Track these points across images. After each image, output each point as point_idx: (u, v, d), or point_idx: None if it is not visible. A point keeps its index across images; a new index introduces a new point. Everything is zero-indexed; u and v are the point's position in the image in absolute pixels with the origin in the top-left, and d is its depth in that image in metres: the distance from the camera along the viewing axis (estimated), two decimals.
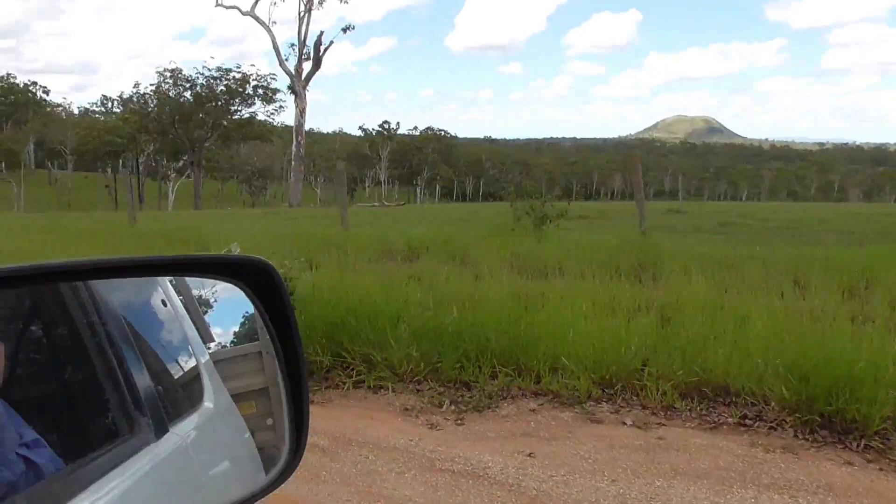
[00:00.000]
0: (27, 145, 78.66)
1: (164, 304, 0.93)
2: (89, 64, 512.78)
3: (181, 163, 72.48)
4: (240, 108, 61.89)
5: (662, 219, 17.51)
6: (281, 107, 61.00)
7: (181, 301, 0.95)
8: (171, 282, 0.94)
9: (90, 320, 0.84)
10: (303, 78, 46.66)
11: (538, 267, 7.49)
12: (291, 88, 46.93)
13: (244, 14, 46.83)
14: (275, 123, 66.77)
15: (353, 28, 50.18)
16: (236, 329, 1.00)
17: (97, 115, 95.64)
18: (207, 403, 0.93)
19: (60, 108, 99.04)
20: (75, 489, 0.76)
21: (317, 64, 46.77)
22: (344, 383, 4.53)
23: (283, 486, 0.93)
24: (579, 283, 6.39)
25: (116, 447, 0.83)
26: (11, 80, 78.96)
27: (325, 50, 46.51)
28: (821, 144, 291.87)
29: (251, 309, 0.95)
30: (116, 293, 0.89)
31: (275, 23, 47.59)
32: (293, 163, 47.54)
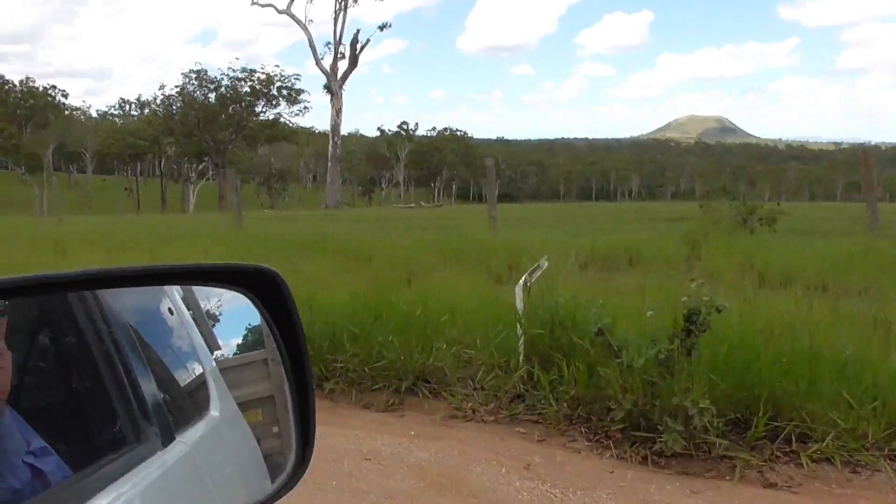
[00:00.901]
0: (49, 149, 79.35)
1: (171, 313, 0.94)
2: (101, 68, 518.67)
3: (202, 165, 72.47)
4: (264, 110, 61.66)
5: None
6: (305, 107, 61.05)
7: (187, 309, 0.95)
8: (177, 290, 0.95)
9: (98, 329, 0.85)
10: (339, 77, 46.21)
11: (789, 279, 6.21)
12: (327, 88, 46.45)
13: (280, 12, 46.76)
14: (294, 125, 65.95)
15: (390, 26, 49.67)
16: (242, 337, 1.00)
17: (115, 119, 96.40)
18: (213, 412, 0.94)
19: (79, 112, 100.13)
20: (82, 497, 0.77)
21: (353, 62, 46.53)
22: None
23: (288, 494, 0.93)
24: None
25: (123, 455, 0.83)
26: (31, 84, 79.37)
27: (362, 48, 46.41)
28: (837, 144, 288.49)
29: (257, 317, 0.96)
30: (123, 302, 0.90)
31: (311, 21, 47.58)
32: (329, 164, 47.13)
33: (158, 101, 64.51)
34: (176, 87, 61.21)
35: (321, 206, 46.33)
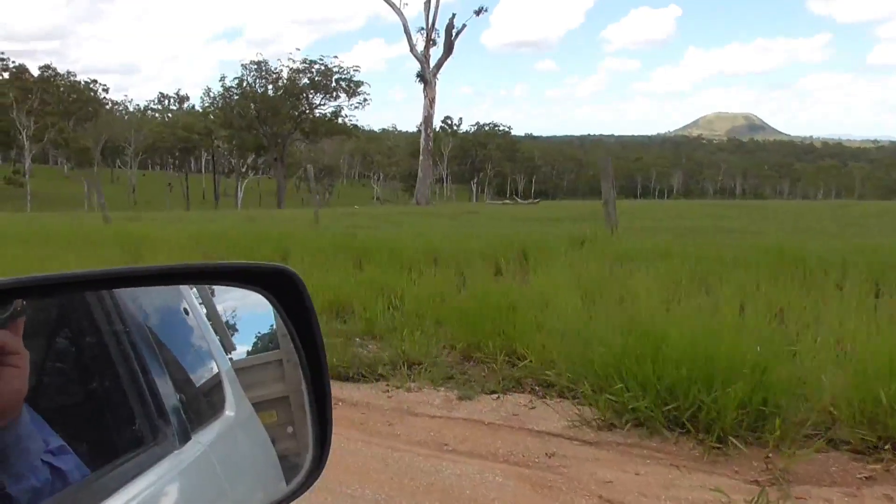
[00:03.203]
0: (99, 144, 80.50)
1: (187, 313, 0.94)
2: (129, 65, 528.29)
3: (251, 159, 71.69)
4: (323, 102, 59.88)
5: None
6: (365, 100, 58.98)
7: (203, 309, 0.96)
8: (192, 290, 0.96)
9: (115, 329, 0.86)
10: (432, 65, 44.24)
11: None
12: (420, 76, 44.36)
13: None
14: (354, 118, 64.34)
15: (486, 10, 46.72)
16: (257, 337, 1.01)
17: (154, 113, 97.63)
18: (229, 412, 0.94)
19: (121, 106, 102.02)
20: (101, 495, 0.78)
21: (448, 49, 44.46)
22: None
23: (304, 495, 0.93)
24: None
25: (141, 454, 0.84)
26: (72, 79, 79.33)
27: (458, 34, 44.23)
28: (874, 142, 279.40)
29: (271, 317, 0.96)
30: (140, 302, 0.90)
31: (406, 4, 45.50)
32: (421, 157, 44.93)
33: (215, 94, 62.58)
34: (235, 78, 59.73)
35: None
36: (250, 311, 0.98)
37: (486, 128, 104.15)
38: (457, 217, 20.67)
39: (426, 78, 44.07)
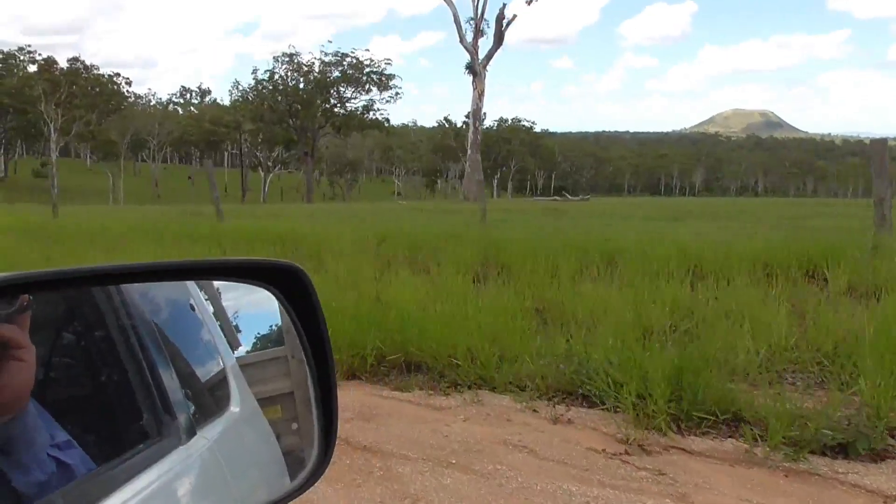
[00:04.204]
0: (126, 137, 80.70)
1: (193, 309, 0.95)
2: (146, 59, 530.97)
3: (278, 153, 70.88)
4: (354, 96, 59.27)
5: None
6: (397, 93, 58.42)
7: (209, 305, 0.96)
8: (198, 285, 0.96)
9: (122, 324, 0.86)
10: (481, 56, 42.97)
11: None
12: (469, 68, 43.25)
13: None
14: (385, 112, 63.41)
15: None
16: (262, 333, 1.01)
17: (176, 107, 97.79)
18: (234, 407, 0.95)
19: (144, 100, 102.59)
20: (107, 489, 0.78)
21: (499, 40, 43.16)
22: None
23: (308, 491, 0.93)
24: None
25: (147, 449, 0.85)
26: (95, 72, 79.10)
27: (508, 24, 42.73)
28: None
29: (277, 313, 0.96)
30: (147, 297, 0.91)
31: None
32: (470, 151, 44.19)
33: (245, 87, 62.21)
34: (266, 71, 59.26)
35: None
36: (256, 308, 0.98)
37: (510, 123, 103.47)
38: (559, 216, 18.85)
39: (475, 70, 42.91)
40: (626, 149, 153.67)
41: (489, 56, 43.32)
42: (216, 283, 0.98)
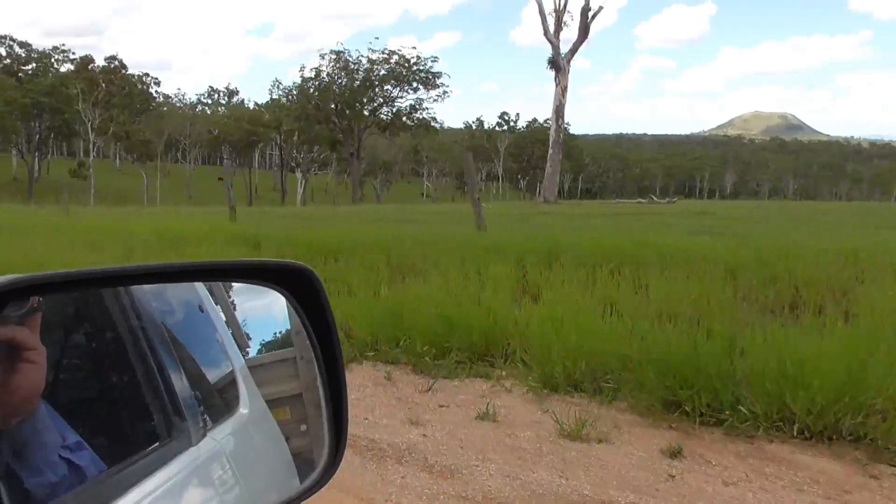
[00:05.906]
0: (162, 137, 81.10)
1: (202, 310, 0.95)
2: (162, 60, 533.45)
3: (319, 154, 69.29)
4: (401, 95, 57.74)
5: None
6: (444, 92, 56.81)
7: (218, 306, 0.97)
8: (207, 287, 0.97)
9: (131, 326, 0.86)
10: (565, 50, 40.61)
11: None
12: (552, 62, 40.69)
13: None
14: (432, 111, 61.21)
15: None
16: (271, 335, 1.01)
17: (205, 108, 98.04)
18: (243, 409, 0.95)
19: (174, 100, 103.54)
20: (118, 491, 0.78)
21: (584, 33, 40.47)
22: None
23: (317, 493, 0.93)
24: None
25: (157, 450, 0.85)
26: (123, 72, 79.27)
27: (594, 17, 40.53)
28: None
29: (286, 314, 0.96)
30: (156, 299, 0.91)
31: None
32: (551, 150, 42.06)
33: (288, 86, 60.94)
34: (313, 69, 57.86)
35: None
36: (265, 309, 0.98)
37: (543, 124, 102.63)
38: (754, 223, 16.80)
39: (559, 64, 40.62)
40: (650, 151, 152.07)
41: (574, 50, 40.99)
42: (225, 285, 0.98)
